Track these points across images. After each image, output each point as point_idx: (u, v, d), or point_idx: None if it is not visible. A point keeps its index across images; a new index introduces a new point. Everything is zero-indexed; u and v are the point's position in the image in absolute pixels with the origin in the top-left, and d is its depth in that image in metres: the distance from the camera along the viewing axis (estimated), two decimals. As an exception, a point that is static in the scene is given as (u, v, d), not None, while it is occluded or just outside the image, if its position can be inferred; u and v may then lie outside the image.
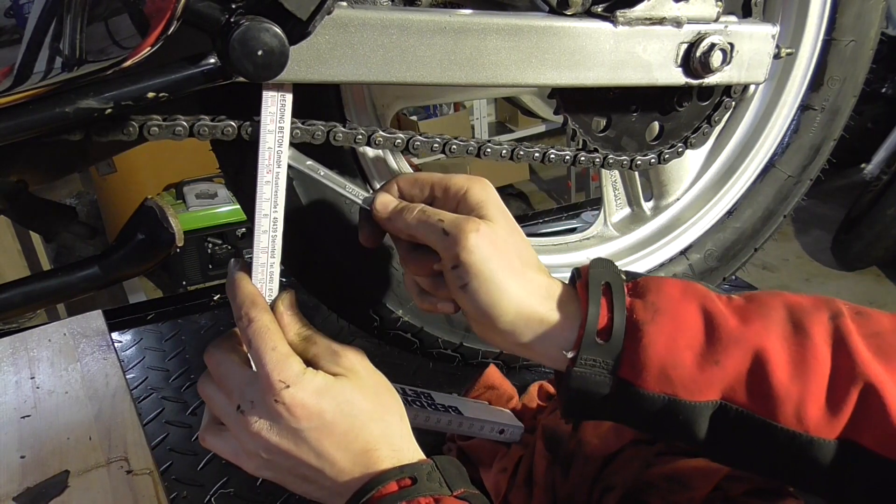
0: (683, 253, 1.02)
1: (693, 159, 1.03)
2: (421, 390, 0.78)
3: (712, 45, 0.72)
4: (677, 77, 0.74)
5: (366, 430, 0.52)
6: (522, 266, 0.55)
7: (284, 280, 0.60)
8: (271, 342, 0.51)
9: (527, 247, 0.57)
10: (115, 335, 1.15)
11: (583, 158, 0.78)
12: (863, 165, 3.28)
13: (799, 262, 3.31)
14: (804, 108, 0.98)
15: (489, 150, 0.73)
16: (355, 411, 0.51)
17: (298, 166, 0.61)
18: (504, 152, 0.74)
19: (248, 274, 0.57)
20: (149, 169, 3.10)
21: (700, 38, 0.72)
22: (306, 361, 0.52)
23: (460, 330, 0.89)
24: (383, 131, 0.68)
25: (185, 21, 0.49)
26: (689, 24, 0.71)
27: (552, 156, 0.77)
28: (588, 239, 1.02)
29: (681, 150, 0.84)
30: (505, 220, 0.57)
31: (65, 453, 0.77)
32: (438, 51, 0.62)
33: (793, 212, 1.06)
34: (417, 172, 0.61)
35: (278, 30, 0.52)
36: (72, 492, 0.72)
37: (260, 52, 0.51)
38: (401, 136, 0.68)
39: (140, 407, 0.96)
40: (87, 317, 1.05)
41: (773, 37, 0.77)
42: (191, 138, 0.61)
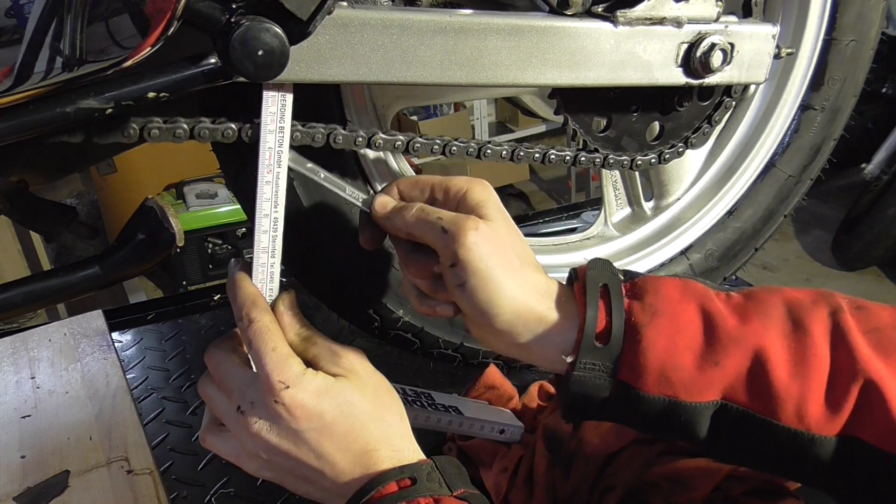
0: (684, 253, 1.02)
1: (693, 159, 1.02)
2: (421, 390, 0.78)
3: (712, 45, 0.72)
4: (678, 77, 0.73)
5: (366, 430, 0.52)
6: (521, 265, 0.55)
7: (285, 280, 0.60)
8: (271, 343, 0.51)
9: (525, 247, 0.57)
10: (115, 335, 1.15)
11: (583, 158, 0.78)
12: (863, 165, 3.28)
13: (799, 262, 3.31)
14: (804, 107, 0.98)
15: (489, 152, 0.73)
16: (355, 412, 0.51)
17: (299, 168, 0.61)
18: (504, 153, 0.74)
19: (248, 274, 0.57)
20: (149, 169, 3.11)
21: (700, 38, 0.71)
22: (306, 362, 0.52)
23: (460, 330, 0.89)
24: (383, 133, 0.67)
25: (185, 21, 0.49)
26: (690, 24, 0.71)
27: (552, 156, 0.77)
28: (588, 239, 1.02)
29: (681, 149, 0.84)
30: (504, 220, 0.57)
31: (65, 453, 0.77)
32: (439, 51, 0.62)
33: (793, 212, 1.06)
34: (417, 175, 0.61)
35: (279, 30, 0.52)
36: (72, 492, 0.72)
37: (260, 52, 0.51)
38: (401, 137, 0.68)
39: (140, 407, 0.96)
40: (87, 317, 1.05)
41: (774, 37, 0.77)
42: (191, 140, 0.61)
